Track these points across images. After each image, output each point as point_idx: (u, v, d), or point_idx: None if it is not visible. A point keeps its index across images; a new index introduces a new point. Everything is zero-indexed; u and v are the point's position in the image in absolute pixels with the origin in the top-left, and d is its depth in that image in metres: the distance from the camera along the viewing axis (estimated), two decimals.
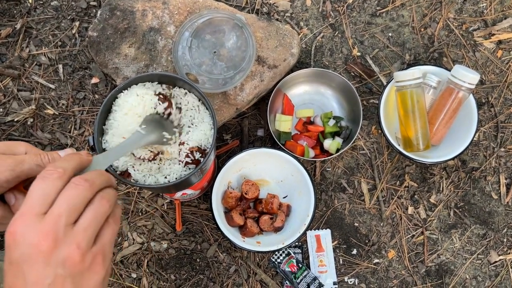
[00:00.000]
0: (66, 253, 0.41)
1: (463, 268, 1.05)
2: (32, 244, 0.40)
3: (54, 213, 0.41)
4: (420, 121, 0.94)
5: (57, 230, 0.41)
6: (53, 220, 0.41)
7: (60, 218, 0.41)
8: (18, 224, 0.41)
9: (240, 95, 0.93)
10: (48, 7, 1.05)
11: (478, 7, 1.10)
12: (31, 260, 0.40)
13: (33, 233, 0.40)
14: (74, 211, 0.42)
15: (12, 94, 1.02)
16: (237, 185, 1.01)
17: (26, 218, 0.41)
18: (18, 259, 0.40)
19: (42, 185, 0.43)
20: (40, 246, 0.40)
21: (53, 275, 0.40)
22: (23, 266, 0.40)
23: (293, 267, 0.99)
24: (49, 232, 0.40)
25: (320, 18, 1.08)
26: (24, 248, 0.40)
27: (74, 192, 0.43)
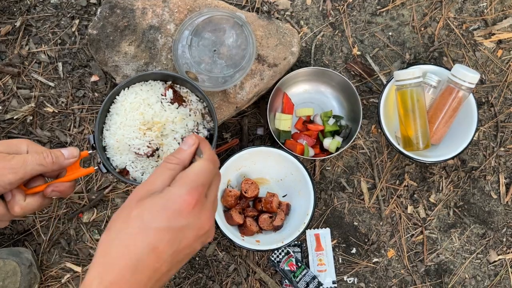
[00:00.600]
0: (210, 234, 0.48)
1: (462, 267, 1.05)
2: (201, 223, 0.46)
3: (213, 198, 0.49)
4: (420, 120, 0.94)
5: (213, 216, 0.48)
6: (212, 205, 0.48)
7: (214, 203, 0.49)
8: (196, 197, 0.45)
9: (240, 94, 0.92)
10: (48, 5, 1.05)
11: (478, 6, 1.10)
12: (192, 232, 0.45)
13: (204, 212, 0.46)
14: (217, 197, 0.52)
15: (11, 92, 1.02)
16: (236, 184, 1.01)
17: (202, 195, 0.46)
18: (182, 227, 0.44)
19: (212, 170, 0.49)
20: (204, 227, 0.46)
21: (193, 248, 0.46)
22: (181, 235, 0.44)
23: (292, 266, 0.99)
24: (211, 217, 0.48)
25: (320, 17, 1.08)
26: (194, 222, 0.45)
27: (219, 182, 0.52)
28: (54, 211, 1.01)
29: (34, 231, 1.00)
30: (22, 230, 1.00)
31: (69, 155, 0.60)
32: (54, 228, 1.00)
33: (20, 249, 0.96)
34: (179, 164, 0.50)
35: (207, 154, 0.51)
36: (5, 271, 0.90)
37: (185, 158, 0.51)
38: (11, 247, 0.99)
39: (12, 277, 0.90)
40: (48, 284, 0.99)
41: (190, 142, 0.53)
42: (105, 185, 1.02)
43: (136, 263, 0.42)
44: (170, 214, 0.44)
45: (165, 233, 0.43)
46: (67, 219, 1.01)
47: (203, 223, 0.46)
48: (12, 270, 0.91)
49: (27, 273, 0.93)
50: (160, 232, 0.43)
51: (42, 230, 1.00)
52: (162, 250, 0.43)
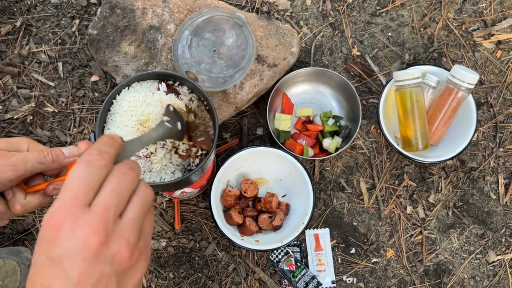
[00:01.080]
0: (116, 250, 0.37)
1: (461, 267, 1.05)
2: (80, 239, 0.36)
3: (102, 204, 0.37)
4: (419, 121, 0.94)
5: (106, 224, 0.37)
6: (102, 212, 0.37)
7: (108, 210, 0.37)
8: (62, 216, 0.36)
9: (240, 94, 0.93)
10: (48, 5, 1.05)
11: (478, 7, 1.10)
12: (77, 257, 0.36)
13: (81, 227, 0.36)
14: (122, 203, 0.39)
15: (11, 92, 1.02)
16: (236, 184, 1.01)
17: (70, 209, 0.36)
18: (61, 256, 0.36)
19: (87, 172, 0.38)
20: (90, 242, 0.36)
21: (99, 274, 0.36)
22: (65, 263, 0.36)
23: (292, 266, 0.99)
24: (98, 227, 0.36)
25: (320, 17, 1.09)
26: (70, 243, 0.36)
27: (121, 181, 0.39)
28: None
29: (34, 230, 1.00)
30: (22, 229, 1.00)
31: (69, 153, 0.60)
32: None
33: (20, 249, 0.96)
34: None
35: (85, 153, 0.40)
36: (5, 271, 0.90)
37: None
38: (11, 246, 0.99)
39: (12, 276, 0.90)
40: None
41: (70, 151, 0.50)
42: None
43: None
44: (44, 246, 0.36)
45: (48, 267, 0.36)
46: None
47: (83, 239, 0.36)
48: (12, 269, 0.91)
49: (27, 272, 0.93)
50: (43, 267, 0.36)
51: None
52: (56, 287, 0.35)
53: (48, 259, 0.36)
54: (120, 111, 0.67)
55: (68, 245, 0.36)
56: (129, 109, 0.67)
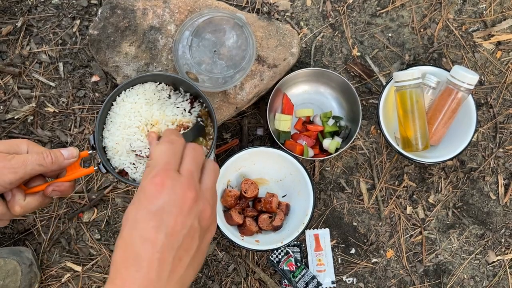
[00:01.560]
0: (202, 207, 0.44)
1: (461, 268, 1.05)
2: (179, 195, 0.42)
3: (188, 169, 0.45)
4: (419, 121, 0.94)
5: (195, 184, 0.44)
6: (189, 175, 0.44)
7: (193, 174, 0.45)
8: (163, 176, 0.43)
9: (240, 94, 0.93)
10: (49, 5, 1.05)
11: (478, 8, 1.10)
12: (175, 209, 0.42)
13: (179, 185, 0.43)
14: (199, 170, 0.47)
15: (12, 92, 1.02)
16: (236, 184, 1.01)
17: (169, 172, 0.43)
18: (162, 208, 0.42)
19: (172, 147, 0.46)
20: (186, 197, 0.42)
21: (189, 226, 0.42)
22: (165, 215, 0.41)
23: (292, 266, 0.99)
24: (191, 185, 0.44)
25: (320, 18, 1.09)
26: (171, 198, 0.42)
27: (196, 154, 0.47)
28: (54, 210, 1.01)
29: (34, 230, 1.01)
30: (22, 229, 1.01)
31: (69, 155, 0.60)
32: (54, 227, 1.01)
33: (21, 248, 0.97)
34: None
35: (163, 137, 0.49)
36: (6, 270, 0.91)
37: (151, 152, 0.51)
38: (11, 246, 0.99)
39: (13, 276, 0.91)
40: (49, 283, 1.00)
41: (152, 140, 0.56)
42: (105, 185, 1.02)
43: (136, 260, 0.41)
44: (145, 202, 0.42)
45: (147, 221, 0.42)
46: (68, 218, 1.01)
47: (181, 194, 0.43)
48: (12, 269, 0.91)
49: (28, 272, 0.93)
50: (143, 221, 0.42)
51: (42, 229, 1.01)
52: (153, 238, 0.41)
53: (149, 213, 0.42)
54: (121, 113, 0.67)
55: (169, 199, 0.42)
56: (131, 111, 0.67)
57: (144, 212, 0.42)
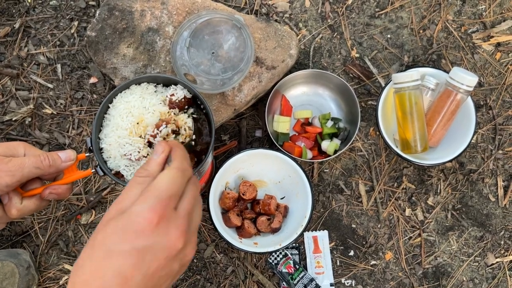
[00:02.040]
0: (187, 251, 0.43)
1: (460, 270, 1.05)
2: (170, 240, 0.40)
3: (186, 209, 0.43)
4: (418, 123, 0.94)
5: (188, 230, 0.42)
6: (187, 217, 0.43)
7: (191, 215, 0.43)
8: (160, 214, 0.40)
9: (238, 96, 0.93)
10: (47, 6, 1.05)
11: (477, 9, 1.10)
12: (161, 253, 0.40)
13: (172, 229, 0.41)
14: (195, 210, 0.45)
15: (10, 93, 1.02)
16: (234, 186, 1.01)
17: (167, 210, 0.41)
18: (147, 248, 0.39)
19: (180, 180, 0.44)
20: (176, 244, 0.41)
21: (169, 269, 0.41)
22: (147, 256, 0.39)
23: (290, 268, 0.99)
24: (184, 231, 0.42)
25: (319, 19, 1.08)
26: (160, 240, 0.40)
27: (196, 191, 0.46)
28: (52, 212, 1.01)
29: (32, 232, 1.00)
30: (20, 231, 1.00)
31: (66, 158, 0.60)
32: (52, 229, 1.00)
33: (18, 251, 0.96)
34: (148, 176, 0.45)
35: (176, 161, 0.46)
36: (3, 273, 0.90)
37: (153, 169, 0.47)
38: (9, 248, 0.99)
39: (10, 278, 0.90)
40: (46, 285, 0.99)
41: (159, 150, 0.48)
42: (103, 187, 1.02)
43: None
44: (132, 235, 0.39)
45: (129, 257, 0.39)
46: (65, 220, 1.01)
47: (173, 240, 0.40)
48: (10, 271, 0.91)
49: (25, 274, 0.93)
50: (124, 256, 0.39)
51: (40, 231, 1.00)
52: (130, 276, 0.38)
53: (133, 249, 0.39)
54: (115, 114, 0.66)
55: (158, 241, 0.40)
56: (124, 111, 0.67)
57: (127, 246, 0.39)
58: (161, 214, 0.40)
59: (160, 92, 0.70)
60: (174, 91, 0.68)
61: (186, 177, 0.45)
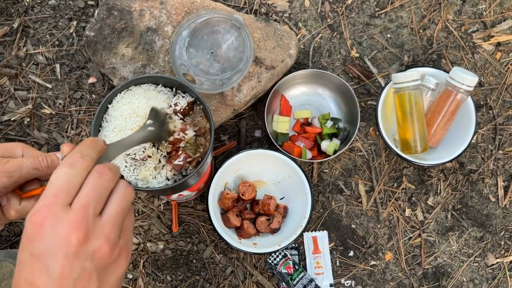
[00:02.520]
0: (96, 246, 0.39)
1: (460, 270, 1.04)
2: (61, 236, 0.37)
3: (81, 203, 0.39)
4: (418, 123, 0.93)
5: (86, 222, 0.38)
6: (82, 210, 0.39)
7: (88, 208, 0.39)
8: (43, 214, 0.38)
9: (238, 96, 0.92)
10: (46, 6, 1.04)
11: (477, 8, 1.10)
12: (58, 253, 0.37)
13: (62, 224, 0.38)
14: (100, 201, 0.41)
15: (9, 94, 1.02)
16: (234, 186, 1.00)
17: (52, 207, 0.38)
18: (43, 252, 0.37)
19: (69, 173, 0.40)
20: (70, 238, 0.37)
21: (80, 269, 0.38)
22: (48, 260, 0.37)
23: (290, 269, 0.98)
24: (78, 224, 0.38)
25: (319, 19, 1.08)
26: (52, 240, 0.37)
27: (100, 181, 0.41)
28: None
29: None
30: (19, 232, 1.00)
31: None
32: None
33: (17, 251, 0.96)
34: None
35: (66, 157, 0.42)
36: (2, 273, 0.90)
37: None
38: (8, 249, 0.98)
39: (9, 279, 0.90)
40: None
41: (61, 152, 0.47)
42: None
43: None
44: (26, 243, 0.38)
45: (30, 264, 0.37)
46: None
47: (64, 236, 0.37)
48: (9, 272, 0.90)
49: None
50: (26, 264, 0.38)
51: None
52: (38, 282, 0.37)
53: (31, 256, 0.37)
54: (116, 115, 0.66)
55: (50, 242, 0.37)
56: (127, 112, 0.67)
57: (25, 255, 0.38)
58: (45, 214, 0.38)
59: (164, 93, 0.70)
60: (177, 100, 0.69)
61: (78, 170, 0.41)
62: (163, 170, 0.66)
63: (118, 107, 0.68)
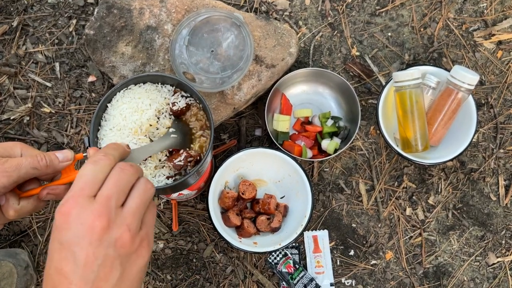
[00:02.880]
0: (118, 235, 0.41)
1: (461, 270, 1.04)
2: (86, 225, 0.40)
3: (104, 194, 0.42)
4: (419, 122, 0.93)
5: (109, 211, 0.41)
6: (105, 201, 0.42)
7: (110, 199, 0.42)
8: (70, 205, 0.41)
9: (238, 95, 0.92)
10: (45, 4, 1.04)
11: (478, 7, 1.09)
12: (83, 240, 0.40)
13: (87, 214, 0.41)
14: (122, 194, 0.43)
15: (8, 92, 1.02)
16: (234, 185, 1.00)
17: (78, 199, 0.41)
18: (70, 240, 0.40)
19: (94, 169, 0.44)
20: (94, 226, 0.40)
21: (103, 256, 0.40)
22: (74, 247, 0.40)
23: (290, 268, 0.98)
24: (102, 213, 0.41)
25: (319, 17, 1.08)
26: (78, 228, 0.40)
27: (121, 175, 0.44)
28: (50, 212, 1.00)
29: (30, 232, 1.00)
30: (18, 231, 1.00)
31: (64, 158, 0.59)
32: (50, 229, 1.00)
33: (17, 250, 0.96)
34: None
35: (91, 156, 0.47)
36: (1, 273, 0.90)
37: None
38: (7, 248, 0.98)
39: (9, 278, 0.90)
40: None
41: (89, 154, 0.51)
42: None
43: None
44: (56, 232, 0.41)
45: (58, 252, 0.41)
46: None
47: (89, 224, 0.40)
48: (8, 271, 0.90)
49: (24, 274, 0.92)
50: (54, 252, 0.41)
51: (38, 231, 1.00)
52: (66, 270, 0.40)
53: (59, 244, 0.41)
54: (115, 114, 0.66)
55: (76, 230, 0.40)
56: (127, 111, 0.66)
57: (55, 244, 0.41)
58: (72, 204, 0.41)
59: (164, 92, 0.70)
60: (176, 100, 0.68)
61: (101, 166, 0.44)
62: (163, 170, 0.66)
63: (117, 106, 0.67)
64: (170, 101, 0.68)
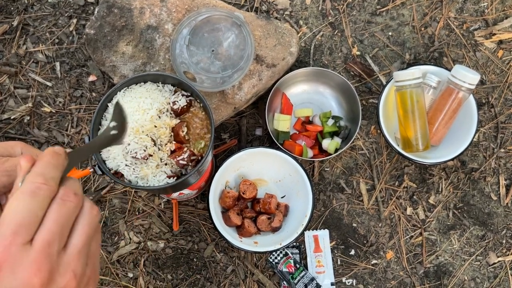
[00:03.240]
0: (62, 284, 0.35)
1: (461, 269, 1.04)
2: (23, 280, 0.33)
3: (44, 239, 0.34)
4: (419, 121, 0.93)
5: (50, 261, 0.34)
6: (45, 248, 0.34)
7: (51, 245, 0.34)
8: (1, 256, 0.33)
9: (238, 94, 0.92)
10: (46, 4, 1.04)
11: (479, 6, 1.09)
12: None
13: (23, 268, 0.33)
14: (64, 234, 0.36)
15: (8, 92, 1.01)
16: (234, 185, 1.00)
17: (11, 248, 0.34)
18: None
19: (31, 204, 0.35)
20: (32, 282, 0.33)
21: None
22: None
23: (291, 268, 0.98)
24: (41, 264, 0.34)
25: (320, 16, 1.08)
26: (12, 283, 0.33)
27: (64, 211, 0.36)
28: None
29: None
30: None
31: None
32: None
33: None
34: None
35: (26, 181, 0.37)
36: None
37: None
38: None
39: None
40: None
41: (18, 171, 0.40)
42: (102, 186, 1.01)
43: None
44: None
45: None
46: None
47: (25, 280, 0.33)
48: None
49: None
50: None
51: None
52: None
53: None
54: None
55: (10, 286, 0.33)
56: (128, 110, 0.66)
57: None
58: (4, 256, 0.33)
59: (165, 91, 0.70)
60: (176, 99, 0.68)
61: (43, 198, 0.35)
62: (165, 168, 0.66)
63: None
64: (171, 100, 0.68)
